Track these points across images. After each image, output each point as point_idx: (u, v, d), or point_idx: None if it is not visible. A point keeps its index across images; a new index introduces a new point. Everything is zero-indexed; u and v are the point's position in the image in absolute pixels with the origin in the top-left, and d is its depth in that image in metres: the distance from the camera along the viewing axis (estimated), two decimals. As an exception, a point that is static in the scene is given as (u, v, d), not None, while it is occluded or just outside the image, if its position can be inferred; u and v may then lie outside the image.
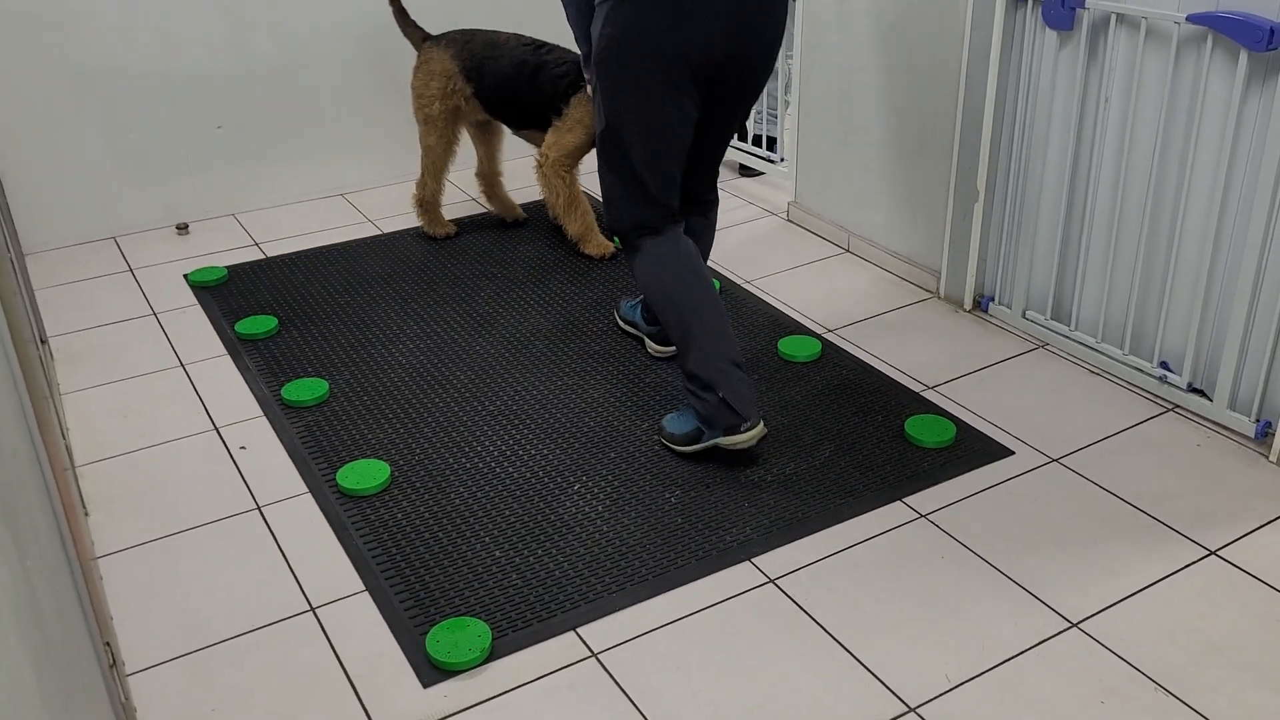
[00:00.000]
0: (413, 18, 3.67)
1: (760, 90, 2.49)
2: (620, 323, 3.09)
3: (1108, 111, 2.71)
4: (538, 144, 3.53)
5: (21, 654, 0.92)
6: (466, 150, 4.35)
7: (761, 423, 2.48)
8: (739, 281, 3.44)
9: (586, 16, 2.44)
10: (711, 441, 2.49)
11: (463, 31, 3.59)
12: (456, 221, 3.90)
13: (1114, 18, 2.62)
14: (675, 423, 2.58)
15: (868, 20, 3.28)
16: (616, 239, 2.61)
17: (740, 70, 2.37)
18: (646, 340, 2.98)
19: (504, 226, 3.86)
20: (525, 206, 3.96)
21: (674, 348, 2.57)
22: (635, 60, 2.28)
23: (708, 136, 2.51)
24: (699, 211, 2.67)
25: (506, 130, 3.74)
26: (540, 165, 3.43)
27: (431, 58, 3.56)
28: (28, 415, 1.53)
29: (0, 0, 3.44)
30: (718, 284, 3.26)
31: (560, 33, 3.33)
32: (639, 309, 3.00)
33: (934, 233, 3.26)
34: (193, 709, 1.96)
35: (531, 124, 3.50)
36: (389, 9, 3.65)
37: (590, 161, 3.38)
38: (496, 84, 3.46)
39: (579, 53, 2.68)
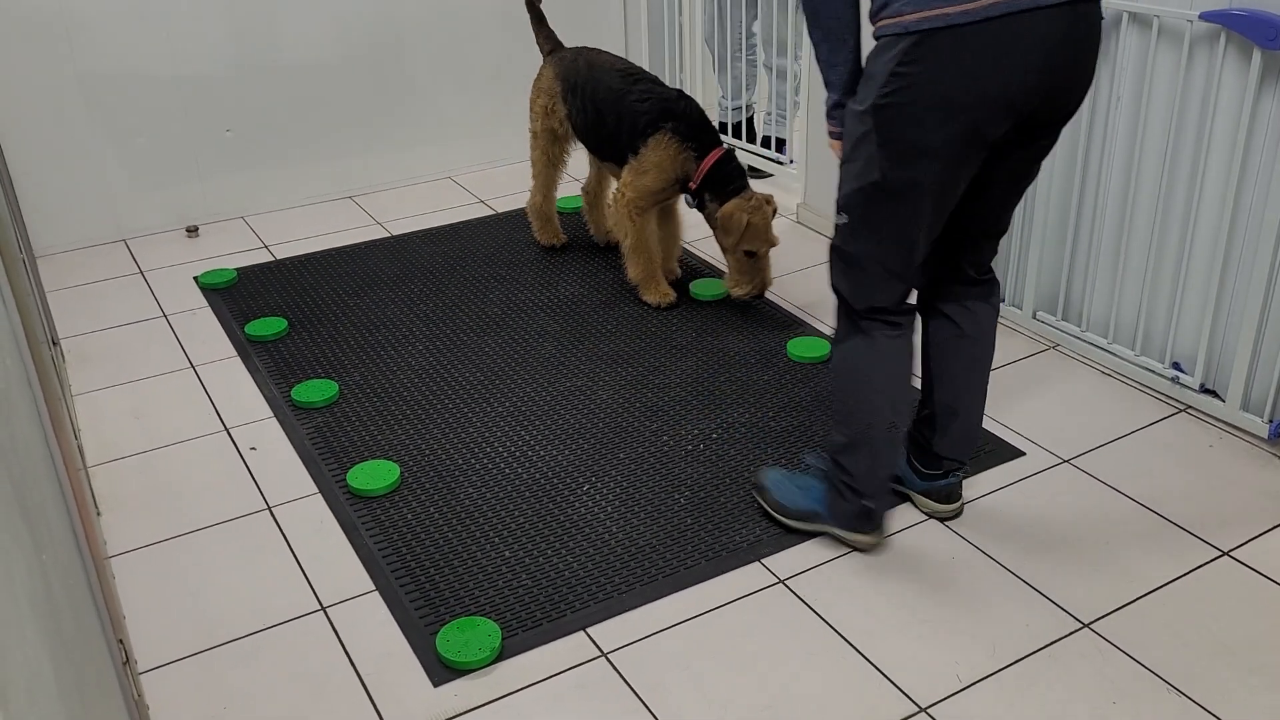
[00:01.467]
0: (550, 26, 3.50)
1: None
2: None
3: (1119, 111, 2.71)
4: (616, 177, 3.34)
5: (39, 646, 0.93)
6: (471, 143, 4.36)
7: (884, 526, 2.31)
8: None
9: (848, 52, 2.03)
10: (825, 529, 2.29)
11: (576, 50, 3.42)
12: (465, 223, 3.90)
13: (1125, 16, 2.62)
14: (788, 493, 2.32)
15: (877, 21, 3.27)
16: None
17: (1054, 115, 1.99)
18: (917, 497, 2.41)
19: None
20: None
21: (948, 505, 2.35)
22: (943, 108, 1.88)
23: (996, 196, 2.10)
24: (979, 295, 2.23)
25: None
26: (615, 201, 3.24)
27: (542, 74, 3.44)
28: (42, 415, 1.54)
29: (11, 8, 3.46)
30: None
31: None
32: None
33: (943, 234, 3.25)
34: (204, 707, 1.97)
35: (610, 157, 3.31)
36: (526, 13, 3.50)
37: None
38: (583, 109, 3.29)
39: (829, 97, 2.11)
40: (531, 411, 2.78)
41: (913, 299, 2.19)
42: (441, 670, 2.02)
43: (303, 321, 3.25)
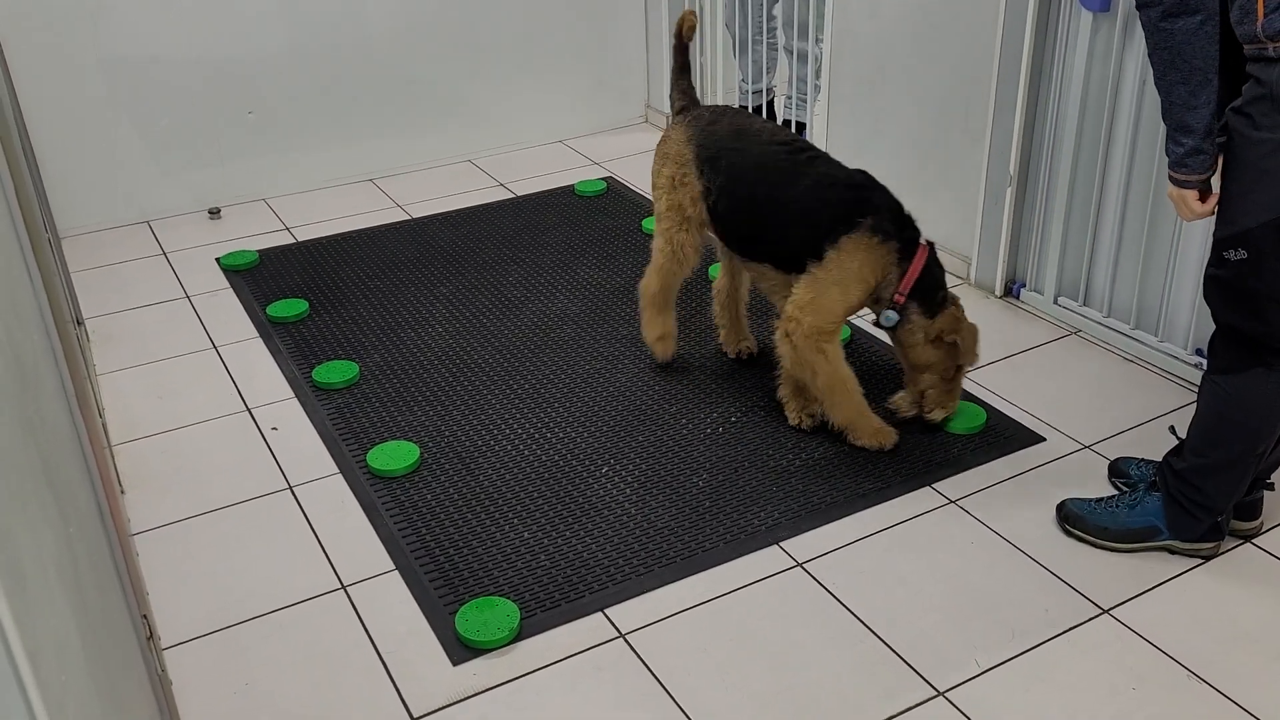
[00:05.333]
0: (690, 80, 2.81)
1: None
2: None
3: (1144, 95, 2.68)
4: (775, 289, 2.56)
5: (68, 615, 0.94)
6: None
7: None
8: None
9: (1212, 90, 1.86)
10: (1164, 544, 2.20)
11: (715, 108, 2.73)
12: (485, 206, 3.90)
13: None
14: (1108, 516, 2.23)
15: (899, 5, 3.25)
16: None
17: None
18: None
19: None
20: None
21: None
22: None
23: None
24: None
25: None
26: (788, 333, 2.45)
27: (668, 137, 2.70)
28: (68, 393, 1.55)
29: (36, -13, 3.48)
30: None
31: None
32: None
33: (965, 218, 3.23)
34: (226, 683, 1.99)
35: (766, 258, 2.55)
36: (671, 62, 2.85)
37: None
38: (729, 191, 2.54)
39: (1184, 143, 1.92)
40: (551, 393, 2.79)
41: None
42: (460, 649, 2.04)
43: (324, 303, 3.27)
